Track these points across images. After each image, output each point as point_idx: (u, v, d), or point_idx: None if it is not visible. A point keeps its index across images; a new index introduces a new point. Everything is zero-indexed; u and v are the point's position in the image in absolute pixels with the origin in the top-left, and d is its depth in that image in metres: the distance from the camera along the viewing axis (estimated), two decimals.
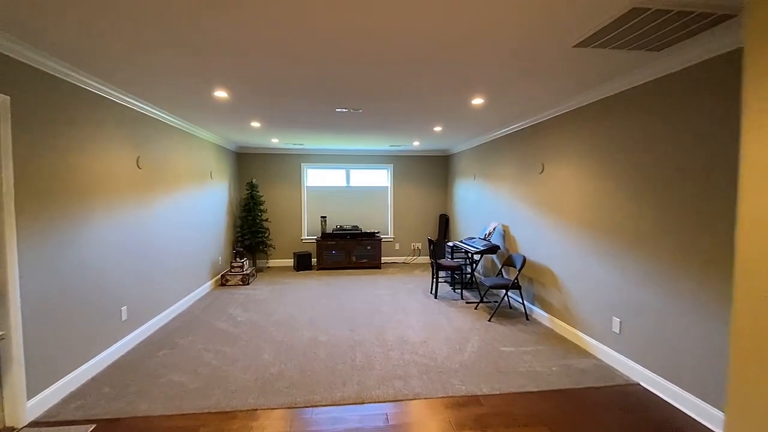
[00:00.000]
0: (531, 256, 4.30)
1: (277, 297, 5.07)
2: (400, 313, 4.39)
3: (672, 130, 2.53)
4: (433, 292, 5.27)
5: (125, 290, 3.37)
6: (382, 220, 7.67)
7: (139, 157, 3.61)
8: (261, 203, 6.78)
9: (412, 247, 7.71)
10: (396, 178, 7.60)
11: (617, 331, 3.02)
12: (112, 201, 3.20)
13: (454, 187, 7.20)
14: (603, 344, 3.18)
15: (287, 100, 3.54)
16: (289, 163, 7.28)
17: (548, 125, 3.97)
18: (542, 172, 4.09)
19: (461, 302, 4.80)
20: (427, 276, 6.37)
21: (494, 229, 5.03)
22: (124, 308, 3.33)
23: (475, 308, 4.54)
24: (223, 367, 3.01)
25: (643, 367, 2.79)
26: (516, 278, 4.12)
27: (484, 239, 5.11)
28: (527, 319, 4.15)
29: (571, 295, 3.59)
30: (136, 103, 3.47)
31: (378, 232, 7.22)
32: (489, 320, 4.10)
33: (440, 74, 2.79)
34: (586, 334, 3.40)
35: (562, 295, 3.73)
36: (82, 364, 2.78)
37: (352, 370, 2.96)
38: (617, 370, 2.97)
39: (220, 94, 3.31)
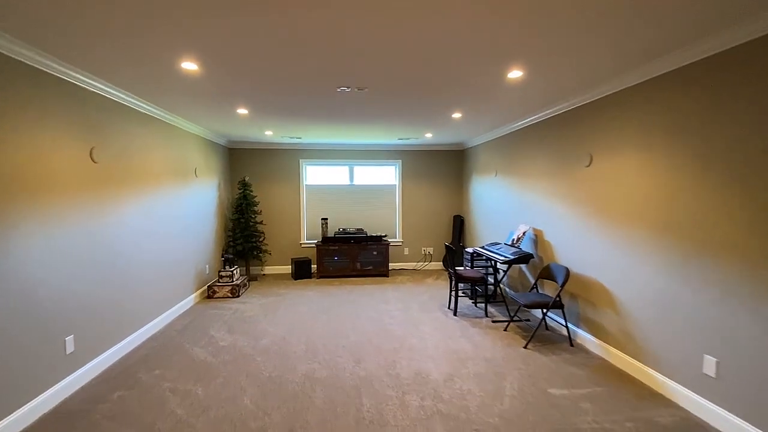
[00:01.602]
0: (574, 267, 3.53)
1: (270, 313, 4.35)
2: (415, 335, 3.65)
3: None
4: (452, 307, 4.52)
5: (72, 314, 2.66)
6: (390, 223, 6.93)
7: (93, 148, 2.91)
8: (255, 204, 6.06)
9: (423, 252, 6.96)
10: (405, 175, 6.85)
11: (711, 374, 2.26)
12: (54, 203, 2.50)
13: (471, 185, 6.44)
14: (688, 389, 2.42)
15: (276, 78, 2.81)
16: (286, 160, 6.57)
17: (599, 106, 3.21)
18: (590, 164, 3.33)
19: (486, 321, 4.05)
20: (441, 285, 5.62)
21: (524, 233, 4.27)
22: (69, 338, 2.63)
23: (505, 329, 3.79)
24: (189, 420, 2.29)
25: (756, 427, 2.03)
26: (558, 295, 3.36)
27: (512, 245, 4.35)
28: (571, 345, 3.39)
29: (635, 319, 2.84)
30: (82, 78, 2.74)
31: (385, 236, 6.47)
32: (525, 347, 3.35)
33: (472, 36, 2.05)
34: (660, 373, 2.63)
35: (621, 318, 2.97)
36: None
37: (356, 426, 2.23)
38: (714, 429, 2.21)
39: (189, 66, 2.59)
